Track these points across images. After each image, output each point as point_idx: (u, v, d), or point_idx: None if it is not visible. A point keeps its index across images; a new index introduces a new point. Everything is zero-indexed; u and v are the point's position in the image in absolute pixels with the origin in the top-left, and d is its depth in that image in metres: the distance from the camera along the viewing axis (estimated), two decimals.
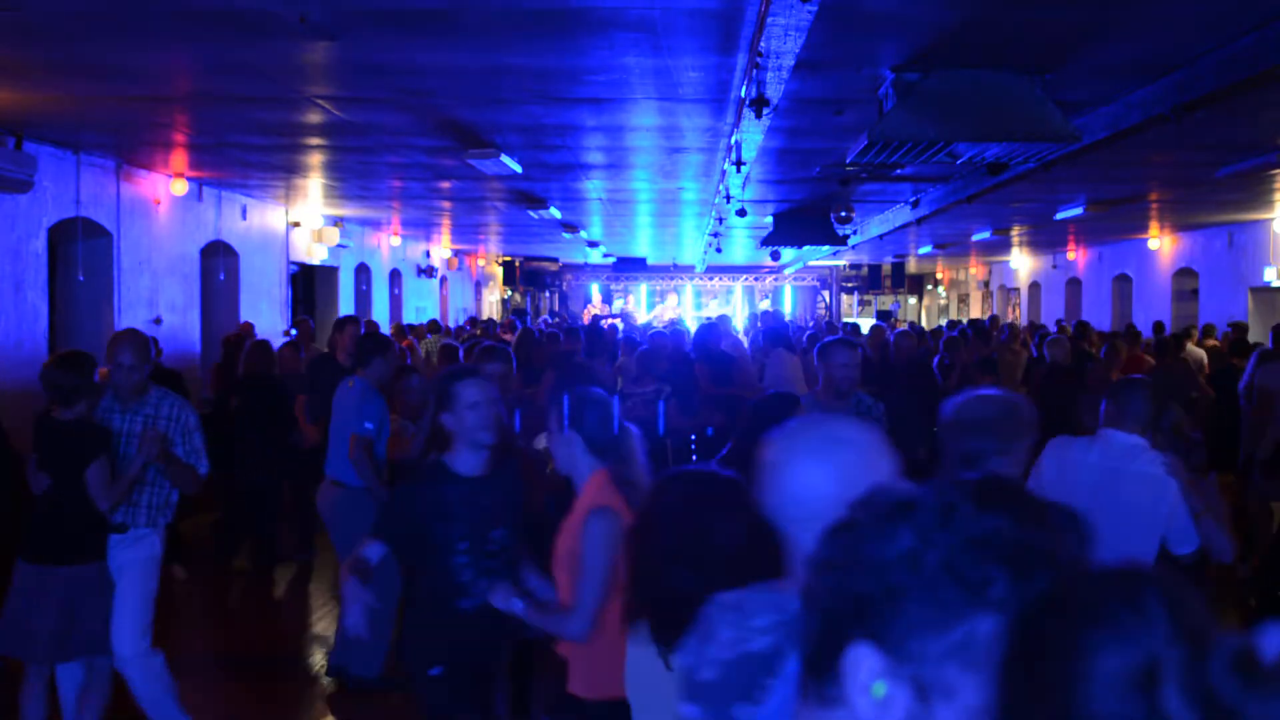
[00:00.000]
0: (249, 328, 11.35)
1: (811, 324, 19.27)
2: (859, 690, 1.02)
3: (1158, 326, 14.61)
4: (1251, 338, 12.14)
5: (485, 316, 24.29)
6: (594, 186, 11.51)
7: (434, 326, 15.73)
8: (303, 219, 13.76)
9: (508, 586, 3.24)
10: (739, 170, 7.91)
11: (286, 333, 13.66)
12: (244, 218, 12.25)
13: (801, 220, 13.21)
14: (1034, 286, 23.46)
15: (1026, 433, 2.88)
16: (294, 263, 14.11)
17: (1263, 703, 0.79)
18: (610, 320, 19.76)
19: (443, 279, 21.51)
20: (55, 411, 4.48)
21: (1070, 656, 0.89)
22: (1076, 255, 20.65)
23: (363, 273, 16.92)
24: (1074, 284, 21.13)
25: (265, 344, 8.71)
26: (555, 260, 25.45)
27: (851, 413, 5.07)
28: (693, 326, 13.49)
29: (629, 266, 23.97)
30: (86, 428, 4.50)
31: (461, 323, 18.68)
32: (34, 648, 4.42)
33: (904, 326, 12.90)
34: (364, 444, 5.55)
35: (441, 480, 3.53)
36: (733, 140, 7.27)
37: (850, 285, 29.55)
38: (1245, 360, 9.22)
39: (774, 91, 5.37)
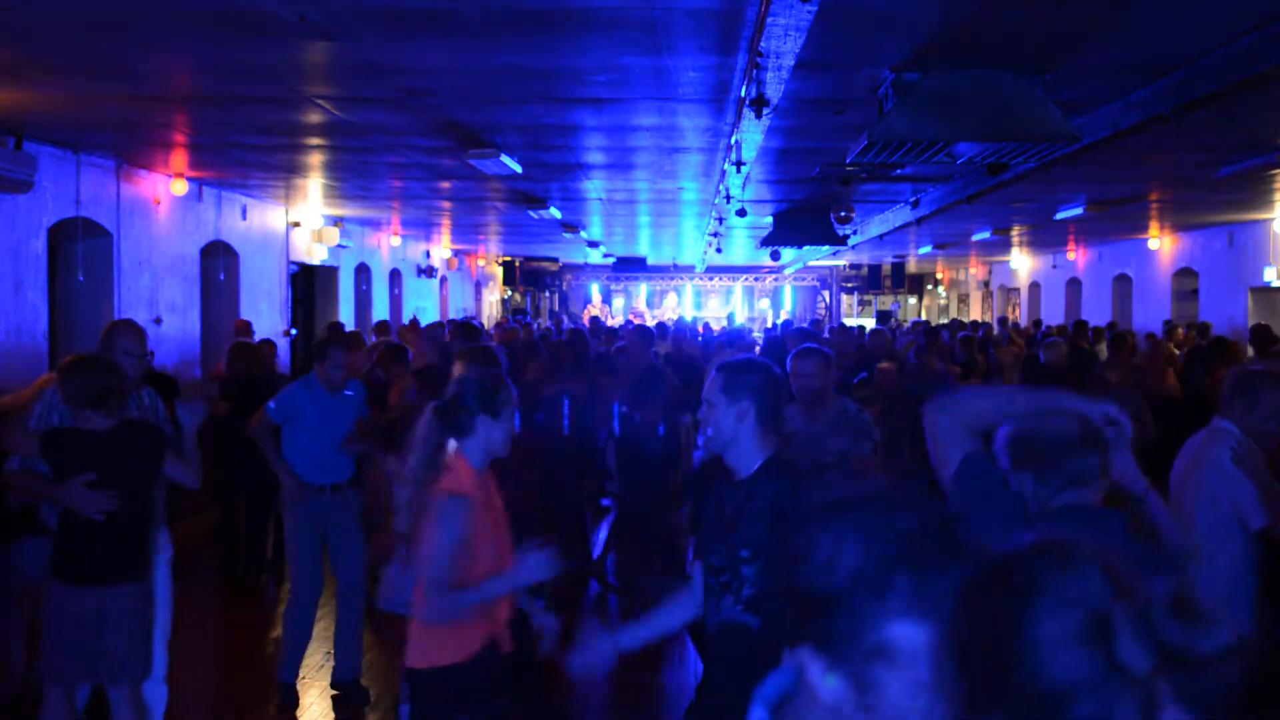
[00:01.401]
0: (245, 325, 11.33)
1: (812, 325, 19.18)
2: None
3: (1168, 326, 14.64)
4: None
5: (485, 316, 24.31)
6: (594, 186, 11.50)
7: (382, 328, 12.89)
8: (303, 219, 13.76)
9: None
10: (739, 170, 7.91)
11: (287, 333, 13.66)
12: (244, 218, 12.24)
13: (801, 220, 13.20)
14: (1034, 286, 23.45)
15: None
16: (294, 263, 14.10)
17: (1205, 638, 0.88)
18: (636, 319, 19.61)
19: (443, 279, 21.50)
20: (81, 421, 4.05)
21: (1021, 626, 0.96)
22: (1076, 255, 20.64)
23: (363, 273, 16.90)
24: (1074, 284, 21.12)
25: (247, 344, 8.71)
26: (555, 260, 25.45)
27: (835, 421, 4.99)
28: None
29: (629, 266, 23.96)
30: (144, 428, 4.27)
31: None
32: (105, 669, 4.08)
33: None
34: (263, 418, 5.67)
35: (711, 476, 3.14)
36: (733, 140, 7.27)
37: (850, 285, 29.59)
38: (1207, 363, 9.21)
39: (774, 91, 5.37)
